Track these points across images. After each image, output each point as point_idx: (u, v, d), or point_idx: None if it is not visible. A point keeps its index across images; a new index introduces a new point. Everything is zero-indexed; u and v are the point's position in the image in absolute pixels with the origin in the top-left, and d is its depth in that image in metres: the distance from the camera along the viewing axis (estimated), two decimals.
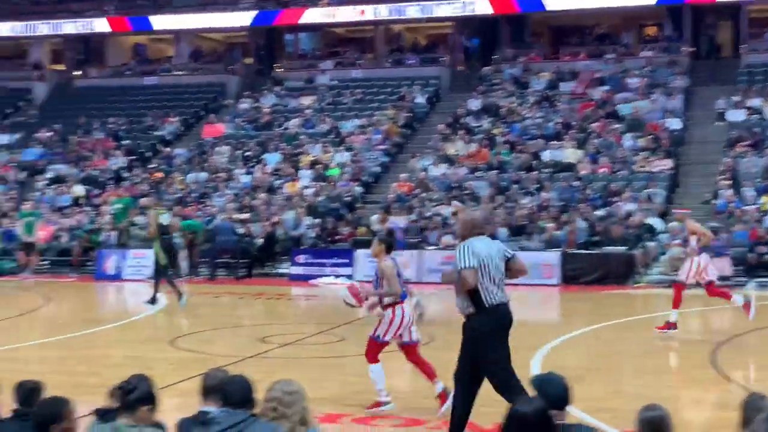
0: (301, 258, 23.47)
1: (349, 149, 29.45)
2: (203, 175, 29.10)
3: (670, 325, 14.04)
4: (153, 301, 18.08)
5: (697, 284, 14.41)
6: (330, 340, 14.26)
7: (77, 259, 24.77)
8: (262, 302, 19.98)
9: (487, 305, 7.57)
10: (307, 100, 34.07)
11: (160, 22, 38.89)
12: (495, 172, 26.37)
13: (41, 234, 24.87)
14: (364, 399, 9.94)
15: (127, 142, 33.01)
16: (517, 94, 31.72)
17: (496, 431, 4.28)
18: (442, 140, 29.10)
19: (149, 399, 5.18)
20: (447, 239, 22.85)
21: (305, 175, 28.00)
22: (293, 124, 32.05)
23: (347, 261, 23.02)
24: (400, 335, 9.57)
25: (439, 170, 27.26)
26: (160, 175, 29.58)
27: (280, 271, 23.92)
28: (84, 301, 20.97)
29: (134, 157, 31.79)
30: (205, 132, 32.80)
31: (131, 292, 21.58)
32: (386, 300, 9.39)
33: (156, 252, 18.15)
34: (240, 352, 12.92)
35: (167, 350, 13.21)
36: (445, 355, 13.55)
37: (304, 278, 22.72)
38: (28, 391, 5.84)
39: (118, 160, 31.45)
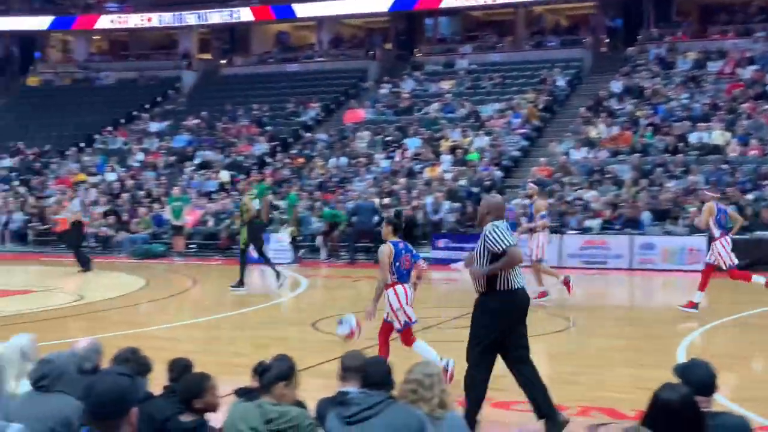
0: (441, 242, 23.50)
1: (488, 133, 29.30)
2: (344, 160, 29.47)
3: (693, 305, 14.34)
4: (240, 284, 18.33)
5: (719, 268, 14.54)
6: (469, 324, 14.23)
7: (224, 242, 25.45)
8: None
9: (499, 288, 7.66)
10: (446, 85, 34.05)
11: (302, 10, 39.50)
12: (638, 155, 25.77)
13: (189, 218, 25.68)
14: (505, 383, 9.90)
15: (270, 128, 33.72)
16: (662, 75, 30.88)
17: (639, 418, 4.19)
18: (583, 123, 28.63)
19: (284, 377, 5.28)
20: (589, 223, 22.53)
21: (445, 160, 28.02)
22: (433, 108, 32.10)
23: None
24: (405, 314, 9.74)
25: (580, 154, 26.85)
26: (301, 160, 30.10)
27: (421, 255, 23.98)
28: (230, 284, 21.50)
29: (277, 143, 32.44)
30: (345, 117, 33.17)
31: (275, 275, 22.02)
32: (388, 281, 9.57)
33: (242, 235, 18.50)
34: (376, 335, 13.03)
35: (310, 332, 13.45)
36: (586, 340, 13.38)
37: (444, 262, 22.69)
38: (180, 369, 6.06)
39: (262, 146, 32.17)
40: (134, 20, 41.93)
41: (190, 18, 41.14)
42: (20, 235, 28.59)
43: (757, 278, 14.73)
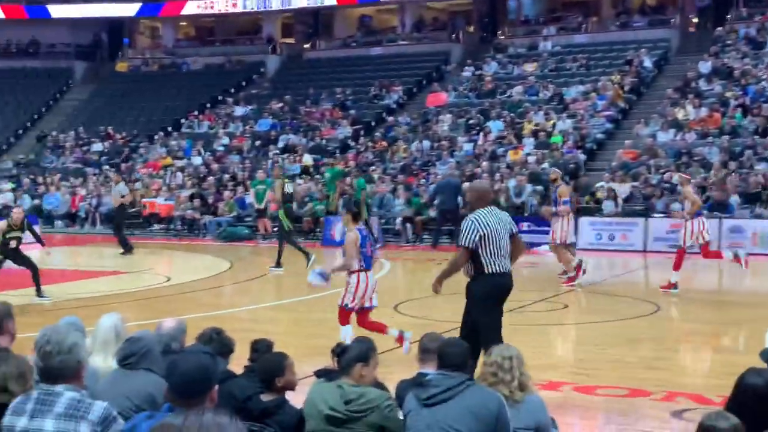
0: (524, 225, 23.30)
1: (572, 116, 28.96)
2: (426, 143, 29.43)
3: (671, 286, 15.10)
4: (278, 265, 18.61)
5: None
6: (553, 307, 14.15)
7: (308, 225, 25.63)
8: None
9: (486, 272, 8.07)
10: (529, 67, 33.73)
11: None
12: (727, 137, 25.19)
13: (272, 202, 25.88)
14: (587, 367, 9.83)
15: (353, 111, 33.85)
16: (752, 55, 30.10)
17: (724, 403, 4.12)
18: (670, 105, 28.09)
19: (363, 358, 5.32)
20: (675, 207, 22.13)
21: (528, 143, 27.79)
22: (516, 91, 31.84)
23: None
24: (362, 301, 10.27)
25: (667, 136, 26.36)
26: (384, 144, 30.16)
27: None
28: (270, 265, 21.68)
29: (360, 127, 32.55)
30: (428, 101, 33.10)
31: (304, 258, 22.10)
32: (354, 265, 10.06)
33: (281, 218, 18.80)
34: (461, 318, 13.02)
35: (391, 315, 13.50)
36: (673, 324, 13.17)
37: (526, 246, 22.57)
38: (262, 349, 6.15)
39: (345, 130, 32.32)
40: (220, 6, 42.44)
41: (275, 3, 41.47)
42: (110, 217, 29.23)
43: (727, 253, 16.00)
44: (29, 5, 43.60)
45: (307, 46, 42.40)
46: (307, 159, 29.67)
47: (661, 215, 22.25)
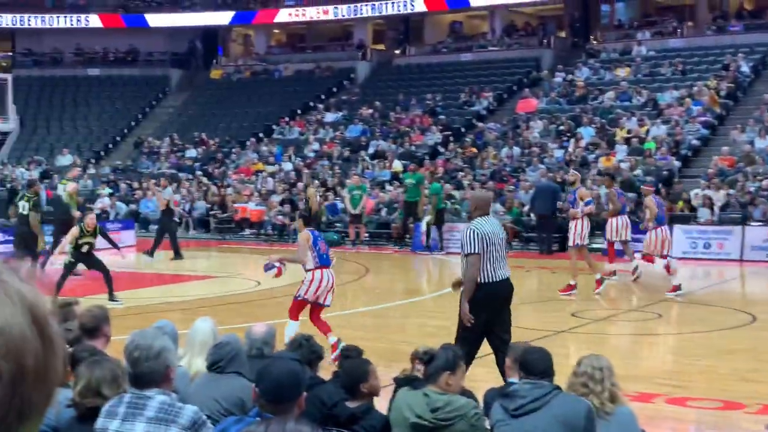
0: None
1: (666, 122, 28.43)
2: (516, 149, 29.23)
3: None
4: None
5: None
6: (645, 317, 13.91)
7: (397, 231, 25.67)
8: (563, 276, 19.73)
9: (481, 281, 8.31)
10: (622, 72, 33.24)
11: None
12: None
13: (366, 207, 26.05)
14: (680, 378, 9.63)
15: (443, 117, 33.82)
16: None
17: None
18: None
19: (450, 366, 5.29)
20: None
21: (620, 149, 27.38)
22: (608, 97, 31.41)
23: None
24: (317, 296, 10.96)
25: (765, 142, 25.68)
26: (473, 150, 30.06)
27: (594, 246, 23.52)
28: (402, 272, 21.75)
29: (449, 133, 32.50)
30: (518, 107, 32.89)
31: (445, 265, 22.12)
32: (308, 265, 10.89)
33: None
34: (550, 326, 12.90)
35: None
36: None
37: (618, 254, 22.25)
38: (353, 355, 6.18)
39: (434, 136, 32.31)
40: (311, 13, 42.87)
41: (366, 9, 41.72)
42: (203, 222, 29.76)
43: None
44: (127, 14, 44.70)
45: (397, 52, 42.54)
46: (397, 165, 29.73)
47: (759, 223, 21.70)
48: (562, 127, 29.98)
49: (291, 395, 3.63)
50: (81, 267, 15.69)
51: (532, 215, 24.37)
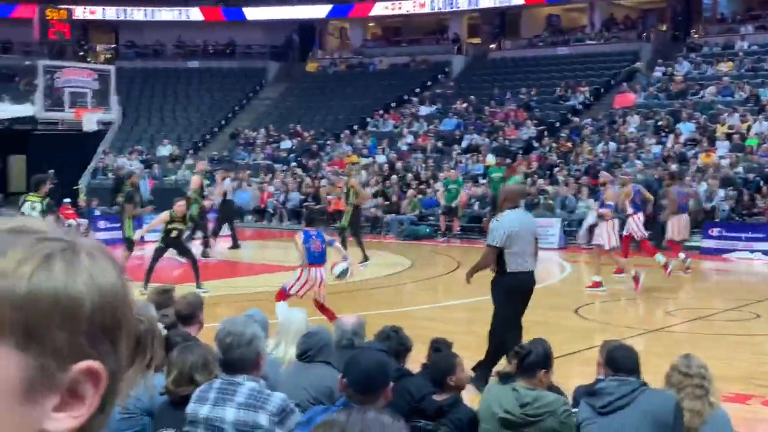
0: (714, 231, 22.46)
1: None
2: (612, 145, 28.80)
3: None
4: (365, 259, 19.32)
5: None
6: (743, 317, 13.57)
7: (488, 225, 25.51)
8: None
9: (508, 270, 8.60)
10: (724, 67, 32.46)
11: None
12: None
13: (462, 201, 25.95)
14: None
15: (538, 112, 33.51)
16: None
17: None
18: None
19: (545, 363, 5.25)
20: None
21: (721, 146, 26.74)
22: (709, 92, 30.70)
23: (763, 236, 21.69)
24: (305, 291, 11.75)
25: None
26: (568, 145, 29.72)
27: (691, 243, 23.05)
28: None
29: (544, 127, 32.19)
30: (616, 101, 32.37)
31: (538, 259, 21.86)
32: (299, 262, 11.94)
33: (345, 217, 19.75)
34: (644, 324, 12.71)
35: (571, 318, 13.30)
36: None
37: (716, 252, 21.78)
38: (443, 348, 6.18)
39: (529, 130, 32.04)
40: (407, 6, 42.91)
41: (462, 2, 41.57)
42: (296, 213, 30.05)
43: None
44: (226, 8, 45.41)
45: (492, 46, 42.27)
46: (490, 159, 29.56)
47: None
48: (660, 123, 29.42)
49: (378, 386, 3.65)
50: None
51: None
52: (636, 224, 17.01)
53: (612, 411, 4.76)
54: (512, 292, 8.76)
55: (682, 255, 17.79)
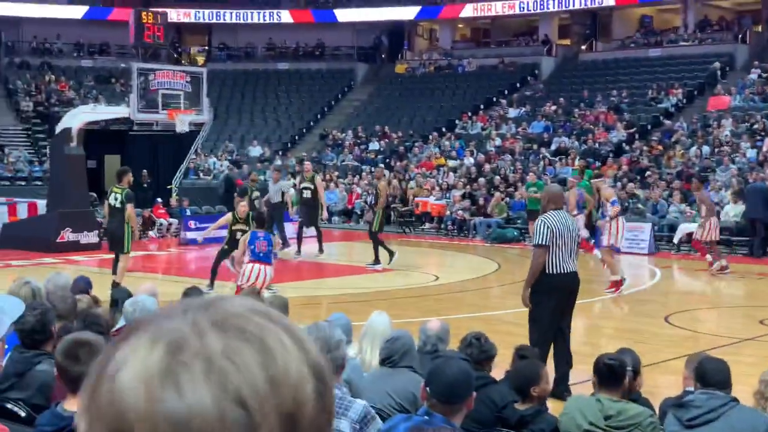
0: None
1: None
2: (705, 148, 28.21)
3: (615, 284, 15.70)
4: (390, 255, 19.29)
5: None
6: None
7: (531, 228, 25.09)
8: (765, 283, 18.92)
9: (547, 271, 8.63)
10: None
11: None
12: None
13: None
14: None
15: (629, 114, 33.01)
16: None
17: None
18: None
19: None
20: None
21: None
22: None
23: None
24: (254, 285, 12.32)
25: None
26: (660, 148, 29.21)
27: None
28: (581, 270, 21.26)
29: (635, 130, 31.69)
30: (710, 104, 31.70)
31: (628, 265, 21.57)
32: (245, 259, 13.21)
33: (378, 217, 19.41)
34: (736, 333, 12.42)
35: (661, 326, 13.07)
36: None
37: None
38: (528, 356, 6.14)
39: (619, 133, 31.58)
40: (497, 8, 42.67)
41: (552, 4, 41.20)
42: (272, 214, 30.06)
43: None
44: (317, 10, 45.81)
45: (583, 47, 41.79)
46: (579, 162, 29.20)
47: None
48: (756, 126, 28.72)
49: (461, 395, 3.64)
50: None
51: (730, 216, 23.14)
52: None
53: (700, 424, 4.66)
54: (552, 292, 8.74)
55: (708, 257, 18.64)
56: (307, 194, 20.68)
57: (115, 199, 15.09)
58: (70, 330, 4.91)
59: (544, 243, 8.65)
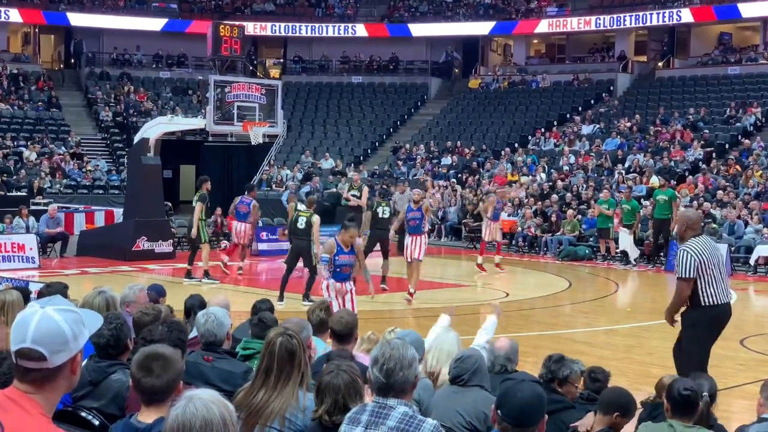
0: None
1: None
2: None
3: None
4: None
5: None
6: None
7: (650, 248, 24.84)
8: None
9: (703, 303, 8.01)
10: None
11: (748, 9, 37.54)
12: None
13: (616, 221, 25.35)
14: None
15: (706, 132, 32.48)
16: None
17: None
18: None
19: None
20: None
21: None
22: None
23: None
24: None
25: None
26: (737, 167, 28.68)
27: None
28: (652, 292, 21.05)
29: (712, 149, 31.17)
30: None
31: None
32: None
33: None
34: None
35: (736, 349, 12.81)
36: None
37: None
38: (602, 378, 6.07)
39: (696, 152, 31.08)
40: (572, 23, 42.36)
41: (629, 20, 40.76)
42: (455, 230, 30.11)
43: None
44: (391, 24, 45.99)
45: (660, 64, 41.27)
46: (654, 181, 28.81)
47: None
48: None
49: (533, 419, 3.61)
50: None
51: None
52: (490, 230, 21.88)
53: None
54: (710, 326, 8.22)
55: None
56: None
57: (194, 202, 18.87)
58: (153, 335, 4.98)
59: (689, 276, 8.06)
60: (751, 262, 22.83)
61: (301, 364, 4.47)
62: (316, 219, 16.31)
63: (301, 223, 16.25)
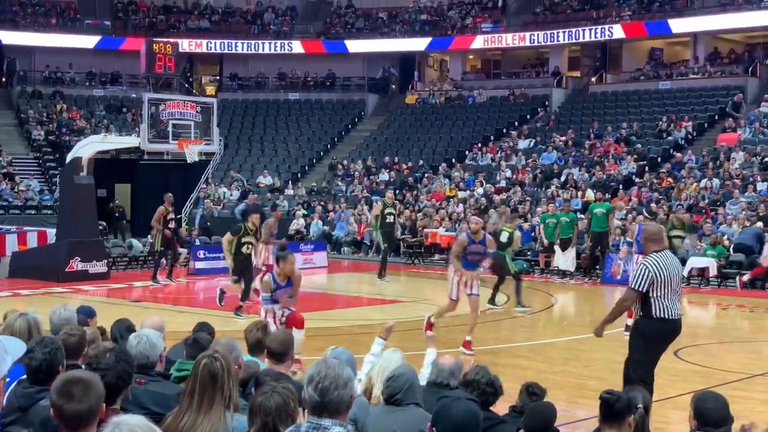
0: None
1: None
2: (716, 181, 28.16)
3: None
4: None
5: None
6: None
7: (585, 262, 25.12)
8: None
9: (654, 315, 8.19)
10: None
11: (678, 25, 38.27)
12: None
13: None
14: None
15: (639, 147, 32.98)
16: None
17: None
18: None
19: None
20: None
21: None
22: None
23: None
24: None
25: None
26: (670, 180, 29.17)
27: None
28: (590, 305, 21.27)
29: (645, 163, 31.67)
30: (720, 137, 31.69)
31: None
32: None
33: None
34: (748, 368, 12.32)
35: (670, 360, 12.94)
36: None
37: None
38: (539, 393, 6.07)
39: (629, 165, 31.55)
40: (507, 39, 42.75)
41: (562, 36, 41.29)
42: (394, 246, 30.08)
43: None
44: (327, 40, 46.01)
45: (593, 79, 41.87)
46: (590, 194, 29.18)
47: None
48: (766, 159, 28.68)
49: None
50: None
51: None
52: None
53: None
54: (657, 338, 8.37)
55: None
56: (390, 219, 23.67)
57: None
58: (99, 364, 4.79)
59: (639, 288, 8.20)
60: (684, 273, 23.16)
61: (224, 386, 4.44)
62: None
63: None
